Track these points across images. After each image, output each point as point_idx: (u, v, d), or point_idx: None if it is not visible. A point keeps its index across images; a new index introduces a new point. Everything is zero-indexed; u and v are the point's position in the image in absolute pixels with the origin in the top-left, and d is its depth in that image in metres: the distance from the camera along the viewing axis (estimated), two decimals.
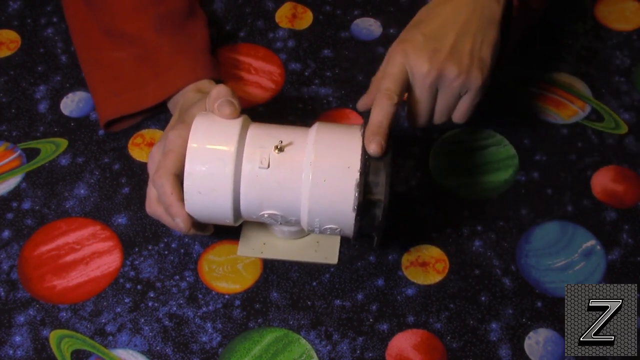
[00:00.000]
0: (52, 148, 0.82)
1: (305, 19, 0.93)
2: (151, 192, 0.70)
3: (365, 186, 0.62)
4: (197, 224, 0.69)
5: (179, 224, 0.66)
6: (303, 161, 0.63)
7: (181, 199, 0.66)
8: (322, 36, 0.92)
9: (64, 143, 0.83)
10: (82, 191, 0.79)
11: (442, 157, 0.82)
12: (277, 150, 0.64)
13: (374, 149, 0.63)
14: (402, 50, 0.68)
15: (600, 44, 0.91)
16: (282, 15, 0.94)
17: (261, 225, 0.75)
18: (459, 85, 0.69)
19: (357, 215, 0.63)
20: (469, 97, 0.71)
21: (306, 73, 0.88)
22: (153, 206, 0.70)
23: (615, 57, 0.89)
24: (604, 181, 0.80)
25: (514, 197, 0.79)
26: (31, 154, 0.82)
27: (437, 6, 0.72)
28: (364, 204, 0.63)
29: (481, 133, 0.83)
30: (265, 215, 0.66)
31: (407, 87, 0.69)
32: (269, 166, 0.63)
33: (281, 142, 0.64)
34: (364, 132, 0.65)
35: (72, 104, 0.86)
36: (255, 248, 0.74)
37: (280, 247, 0.74)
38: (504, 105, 0.85)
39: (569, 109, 0.85)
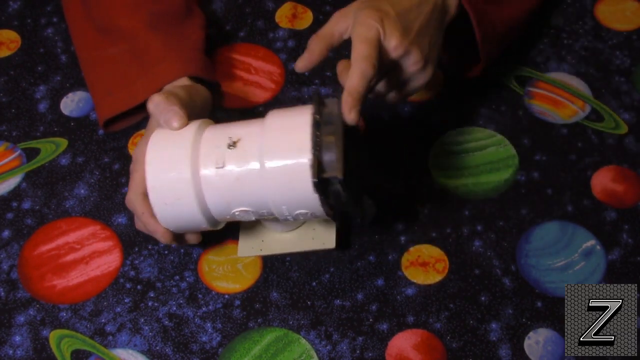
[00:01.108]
0: (52, 148, 0.82)
1: (305, 19, 0.93)
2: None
3: (319, 165, 0.60)
4: (179, 236, 0.69)
5: (160, 239, 0.68)
6: (256, 152, 0.62)
7: (154, 215, 0.66)
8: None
9: (64, 143, 0.83)
10: (82, 191, 0.79)
11: (442, 157, 0.82)
12: (230, 148, 0.63)
13: (353, 118, 0.63)
14: (378, 18, 0.66)
15: (600, 44, 0.91)
16: (282, 15, 0.94)
17: (257, 222, 0.75)
18: (414, 71, 0.69)
19: (320, 196, 0.61)
20: (414, 85, 0.71)
21: (306, 73, 0.88)
22: (138, 224, 0.71)
23: (615, 57, 0.89)
24: (604, 181, 0.80)
25: (514, 197, 0.79)
26: (31, 153, 0.82)
27: None
28: (322, 183, 0.61)
29: (481, 133, 0.83)
30: (237, 213, 0.65)
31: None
32: (224, 165, 0.63)
33: (230, 138, 0.63)
34: (314, 110, 0.62)
35: (72, 103, 0.86)
36: (255, 246, 0.74)
37: (278, 241, 0.74)
38: (504, 105, 0.85)
39: (569, 109, 0.85)
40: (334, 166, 0.60)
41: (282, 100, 0.86)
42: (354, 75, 0.64)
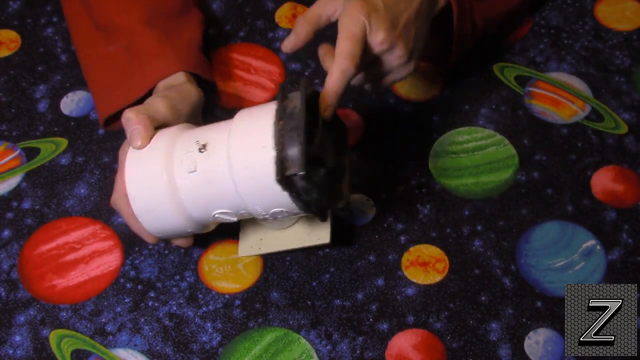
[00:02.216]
0: (52, 147, 0.82)
1: None
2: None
3: (281, 162, 0.59)
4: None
5: (145, 240, 0.69)
6: (224, 154, 0.62)
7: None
8: (322, 36, 0.92)
9: (64, 142, 0.83)
10: (82, 190, 0.79)
11: (442, 157, 0.82)
12: (201, 151, 0.63)
13: (327, 115, 0.64)
14: (365, 11, 0.66)
15: (600, 44, 0.91)
16: (282, 15, 0.94)
17: (256, 222, 0.75)
18: (397, 64, 0.69)
19: (290, 193, 0.60)
20: (396, 77, 0.71)
21: (306, 73, 0.88)
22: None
23: (615, 57, 0.89)
24: (604, 181, 0.80)
25: (514, 197, 0.79)
26: (31, 153, 0.82)
27: None
28: (284, 181, 0.60)
29: (481, 133, 0.83)
30: (218, 216, 0.65)
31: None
32: (196, 169, 0.63)
33: (198, 141, 0.63)
34: (278, 107, 0.62)
35: (72, 103, 0.86)
36: (254, 245, 0.74)
37: (276, 238, 0.74)
38: (504, 105, 0.85)
39: (569, 109, 0.85)
40: (297, 162, 0.59)
41: None
42: (334, 74, 0.64)
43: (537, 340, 0.70)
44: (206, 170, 0.63)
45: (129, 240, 0.76)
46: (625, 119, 0.84)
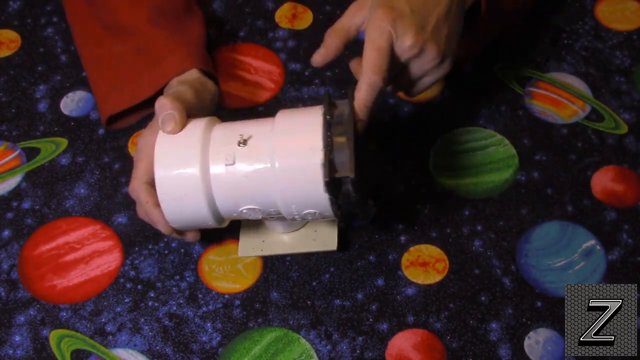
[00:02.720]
0: (52, 147, 0.82)
1: (305, 19, 0.93)
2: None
3: (330, 165, 0.61)
4: (180, 230, 0.69)
5: (160, 229, 0.68)
6: (267, 151, 0.63)
7: (157, 205, 0.66)
8: (322, 36, 0.92)
9: (64, 142, 0.83)
10: (82, 190, 0.79)
11: (442, 157, 0.82)
12: (240, 145, 0.63)
13: (360, 128, 0.64)
14: (391, 19, 0.65)
15: (600, 44, 0.91)
16: (282, 15, 0.94)
17: (258, 223, 0.75)
18: (432, 67, 0.68)
19: (330, 196, 0.62)
20: (432, 79, 0.70)
21: (306, 73, 0.88)
22: (140, 212, 0.71)
23: (615, 57, 0.89)
24: (604, 181, 0.80)
25: (514, 197, 0.79)
26: (31, 153, 0.82)
27: None
28: (333, 183, 0.61)
29: (481, 133, 0.83)
30: (245, 211, 0.65)
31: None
32: (234, 162, 0.63)
33: (241, 135, 0.64)
34: (325, 111, 0.63)
35: (72, 103, 0.86)
36: (255, 247, 0.74)
37: (279, 241, 0.74)
38: (504, 105, 0.85)
39: (569, 109, 0.85)
40: (346, 166, 0.61)
41: (282, 100, 0.86)
42: (363, 88, 0.64)
43: (537, 340, 0.70)
44: (245, 165, 0.63)
45: (129, 240, 0.76)
46: (625, 119, 0.84)
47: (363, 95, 0.64)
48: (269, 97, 0.86)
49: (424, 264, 0.75)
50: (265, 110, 0.85)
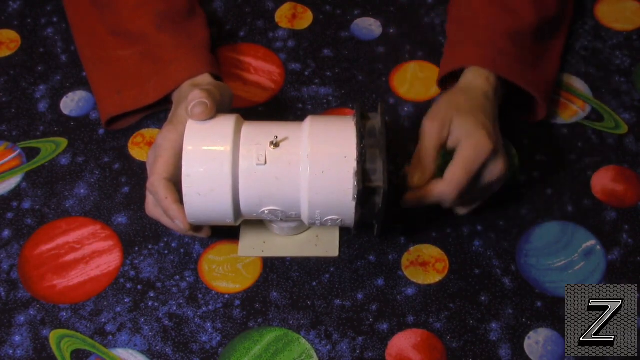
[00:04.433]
0: (52, 147, 0.82)
1: (305, 18, 0.93)
2: (149, 196, 0.70)
3: (363, 174, 0.62)
4: (195, 227, 0.69)
5: (179, 226, 0.67)
6: (300, 154, 0.63)
7: (177, 201, 0.66)
8: (322, 36, 0.92)
9: (64, 142, 0.83)
10: (82, 190, 0.79)
11: (442, 157, 0.81)
12: (272, 146, 0.64)
13: (402, 205, 0.70)
14: (492, 147, 0.68)
15: (600, 44, 0.91)
16: (282, 15, 0.94)
17: (260, 223, 0.75)
18: (499, 175, 0.70)
19: (357, 204, 0.63)
20: (498, 184, 0.72)
21: (306, 73, 0.88)
22: (151, 209, 0.70)
23: (615, 57, 0.89)
24: (604, 181, 0.80)
25: (514, 197, 0.79)
26: (31, 153, 0.82)
27: (464, 92, 0.74)
28: (364, 192, 0.62)
29: None
30: (266, 212, 0.66)
31: None
32: (266, 162, 0.63)
33: (276, 137, 0.64)
34: (357, 121, 0.64)
35: (72, 103, 0.86)
36: (256, 247, 0.74)
37: (280, 244, 0.74)
38: (503, 105, 0.85)
39: (569, 109, 0.85)
40: (378, 176, 0.62)
41: (282, 100, 0.86)
42: (434, 194, 0.68)
43: (537, 340, 0.70)
44: (276, 166, 0.63)
45: (129, 240, 0.76)
46: (625, 119, 0.84)
47: (429, 194, 0.68)
48: (269, 97, 0.86)
49: (424, 264, 0.75)
50: (265, 110, 0.85)
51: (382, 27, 0.93)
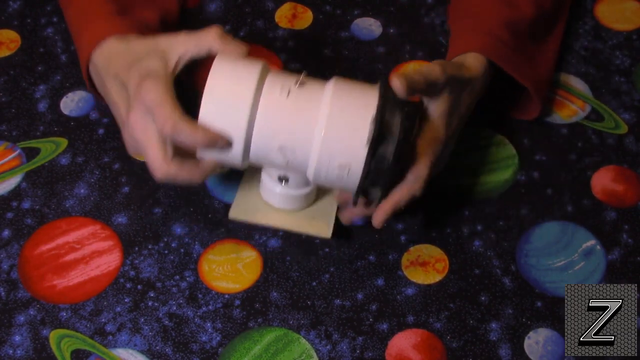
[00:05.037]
0: (52, 147, 0.82)
1: (305, 19, 0.93)
2: (126, 133, 0.69)
3: (381, 122, 0.63)
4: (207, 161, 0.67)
5: (193, 138, 0.64)
6: (323, 95, 0.65)
7: (184, 117, 0.64)
8: (322, 36, 0.92)
9: (63, 142, 0.83)
10: (82, 190, 0.79)
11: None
12: (297, 85, 0.65)
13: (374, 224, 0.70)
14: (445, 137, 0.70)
15: (600, 44, 0.91)
16: (282, 15, 0.94)
17: (258, 193, 0.74)
18: (418, 190, 0.70)
19: (369, 149, 0.63)
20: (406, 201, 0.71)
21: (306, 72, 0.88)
22: (134, 140, 0.67)
23: (615, 57, 0.89)
24: (604, 181, 0.80)
25: (514, 197, 0.79)
26: (31, 153, 0.82)
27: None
28: (378, 137, 0.63)
29: (481, 133, 0.83)
30: (275, 150, 0.65)
31: None
32: (288, 95, 0.64)
33: (303, 77, 0.66)
34: (382, 83, 0.65)
35: (72, 103, 0.86)
36: (249, 212, 0.73)
37: (274, 214, 0.74)
38: (500, 104, 0.85)
39: (569, 109, 0.85)
40: (395, 127, 0.63)
41: None
42: (399, 197, 0.69)
43: (537, 340, 0.70)
44: (298, 100, 0.65)
45: (129, 240, 0.76)
46: (625, 119, 0.84)
47: (399, 201, 0.69)
48: None
49: (424, 264, 0.75)
50: None
51: (382, 27, 0.93)
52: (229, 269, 0.74)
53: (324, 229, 0.73)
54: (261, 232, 0.76)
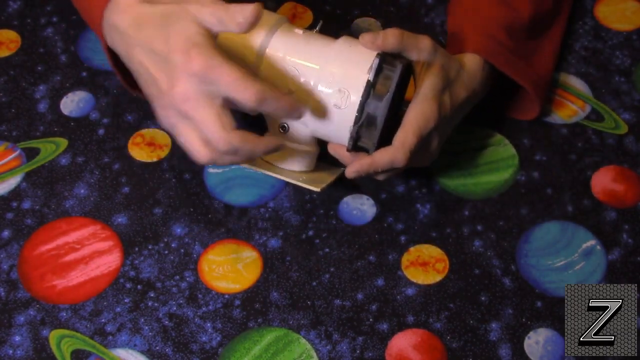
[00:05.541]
0: (52, 148, 0.82)
1: (305, 19, 0.93)
2: (164, 107, 0.66)
3: (384, 59, 0.67)
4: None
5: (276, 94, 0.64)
6: (333, 41, 0.70)
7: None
8: None
9: (63, 143, 0.83)
10: (82, 191, 0.79)
11: (442, 157, 0.81)
12: (306, 28, 0.71)
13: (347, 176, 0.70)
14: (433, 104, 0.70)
15: (600, 44, 0.91)
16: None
17: None
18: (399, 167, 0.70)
19: (369, 79, 0.66)
20: (388, 175, 0.73)
21: None
22: (179, 114, 0.64)
23: (615, 57, 0.89)
24: (604, 181, 0.80)
25: (514, 197, 0.79)
26: (31, 153, 0.82)
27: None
28: (378, 69, 0.66)
29: (481, 133, 0.83)
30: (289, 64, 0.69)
31: None
32: (302, 33, 0.70)
33: (318, 26, 0.72)
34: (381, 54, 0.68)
35: (72, 103, 0.86)
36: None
37: (271, 164, 0.74)
38: (501, 105, 0.85)
39: (569, 109, 0.85)
40: (397, 61, 0.67)
41: None
42: (382, 158, 0.68)
43: (537, 340, 0.70)
44: (310, 36, 0.71)
45: (129, 240, 0.76)
46: (625, 119, 0.84)
47: (377, 163, 0.68)
48: None
49: (424, 264, 0.75)
50: None
51: (382, 27, 0.93)
52: (229, 269, 0.74)
53: (316, 185, 0.72)
54: (261, 232, 0.76)
